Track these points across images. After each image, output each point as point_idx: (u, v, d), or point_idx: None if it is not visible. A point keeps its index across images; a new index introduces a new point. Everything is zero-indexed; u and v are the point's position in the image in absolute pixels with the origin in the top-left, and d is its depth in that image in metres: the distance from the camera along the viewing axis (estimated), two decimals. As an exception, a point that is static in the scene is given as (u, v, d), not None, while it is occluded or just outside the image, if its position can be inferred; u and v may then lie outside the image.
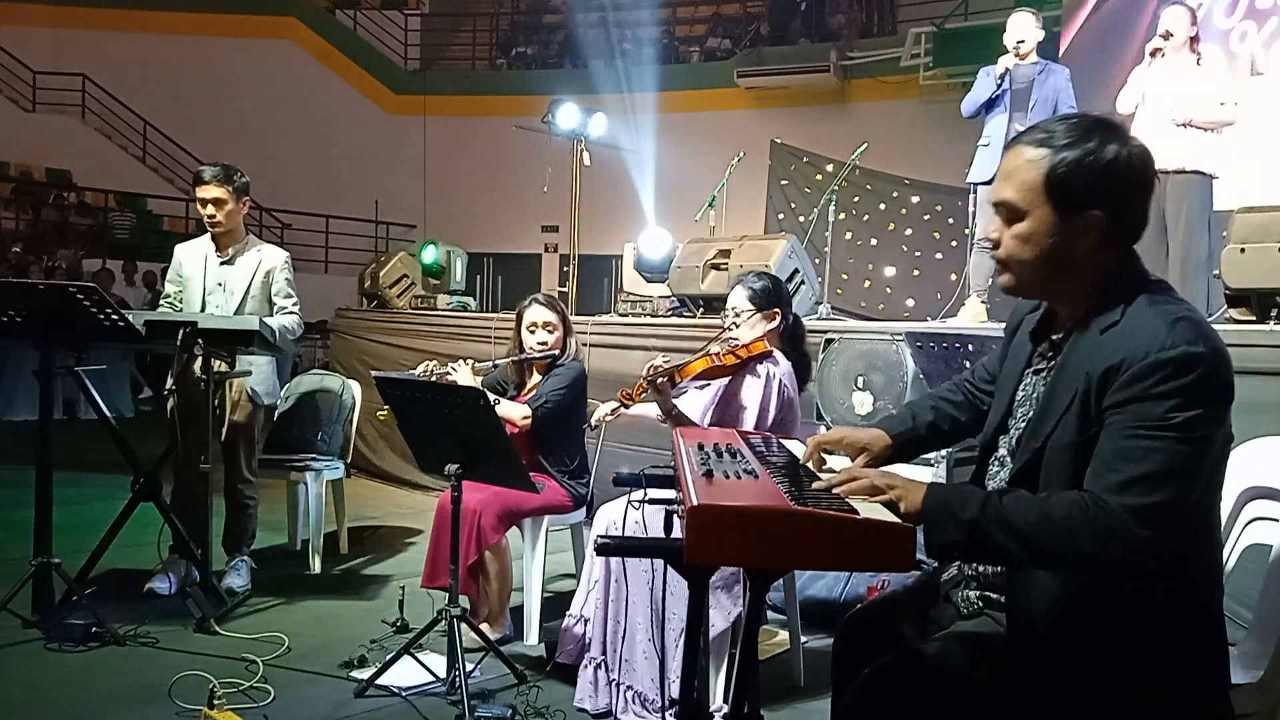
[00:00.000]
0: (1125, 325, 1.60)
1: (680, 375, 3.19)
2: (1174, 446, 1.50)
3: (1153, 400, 1.52)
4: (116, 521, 3.84)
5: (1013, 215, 1.67)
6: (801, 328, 3.53)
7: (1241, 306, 4.03)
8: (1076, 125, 1.65)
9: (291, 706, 3.05)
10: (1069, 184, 1.61)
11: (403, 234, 15.63)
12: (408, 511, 6.05)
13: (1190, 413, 1.51)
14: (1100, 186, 1.60)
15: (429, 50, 17.26)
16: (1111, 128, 1.65)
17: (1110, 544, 1.49)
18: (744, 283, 3.43)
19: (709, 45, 15.49)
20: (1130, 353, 1.55)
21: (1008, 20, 5.51)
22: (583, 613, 3.21)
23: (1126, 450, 1.52)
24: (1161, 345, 1.53)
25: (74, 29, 15.27)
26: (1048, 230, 1.63)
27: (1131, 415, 1.53)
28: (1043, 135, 1.65)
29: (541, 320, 3.85)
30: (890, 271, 10.88)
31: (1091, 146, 1.61)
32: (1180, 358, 1.52)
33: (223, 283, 4.18)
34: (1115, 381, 1.55)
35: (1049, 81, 5.30)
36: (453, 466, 3.09)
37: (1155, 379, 1.52)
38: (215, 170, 4.16)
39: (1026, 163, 1.65)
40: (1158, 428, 1.51)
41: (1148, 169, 1.65)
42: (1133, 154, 1.63)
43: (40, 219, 13.97)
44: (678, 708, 1.93)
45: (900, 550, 1.49)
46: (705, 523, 1.50)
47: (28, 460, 3.74)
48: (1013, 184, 1.66)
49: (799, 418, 3.33)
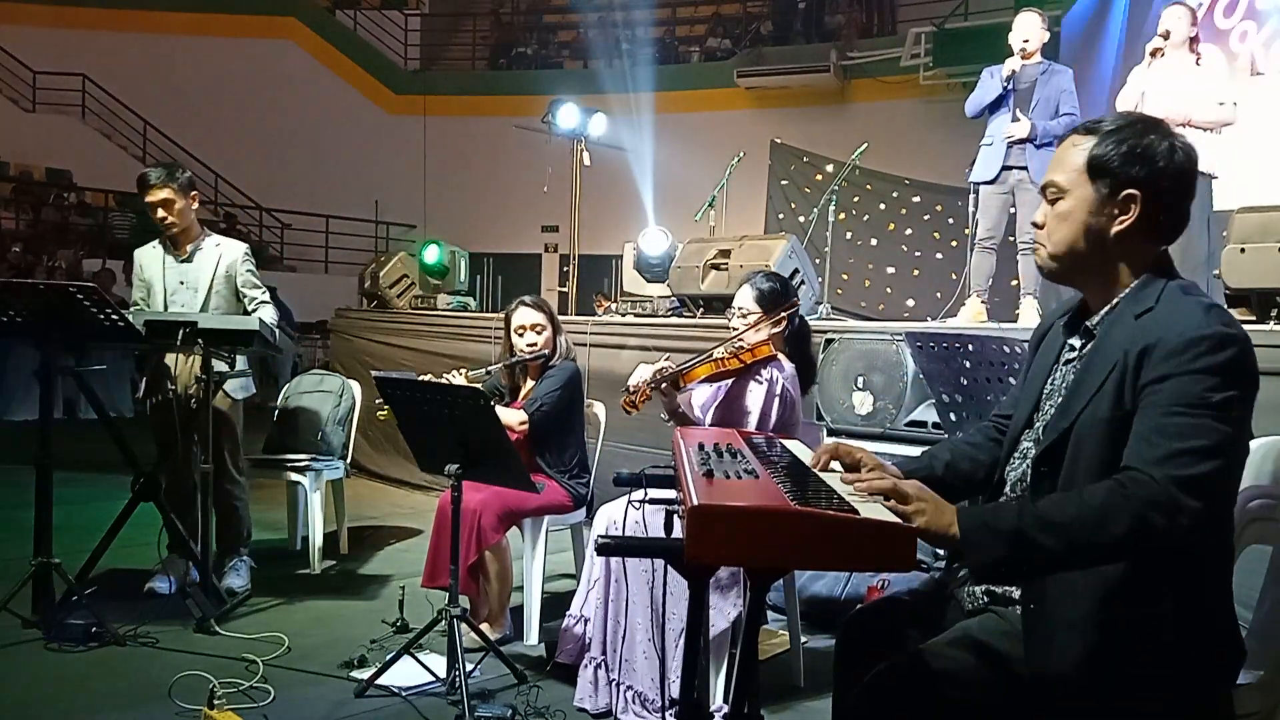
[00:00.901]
0: (1160, 310, 1.64)
1: (685, 380, 3.18)
2: (1213, 424, 1.52)
3: (1190, 377, 1.54)
4: (116, 521, 3.84)
5: (1056, 195, 1.74)
6: (807, 329, 3.51)
7: (1241, 306, 4.02)
8: (1125, 116, 1.74)
9: (291, 706, 3.05)
10: (1109, 164, 1.68)
11: (403, 234, 15.64)
12: (408, 511, 6.05)
13: (1226, 393, 1.54)
14: (1139, 171, 1.67)
15: (429, 50, 17.27)
16: (1159, 124, 1.72)
17: (1151, 514, 1.49)
18: (752, 283, 3.40)
19: (709, 45, 15.50)
20: (1165, 332, 1.59)
21: (1013, 20, 5.50)
22: (583, 613, 3.21)
23: (1166, 427, 1.54)
24: (1198, 325, 1.57)
25: (74, 29, 15.28)
26: (1086, 207, 1.70)
27: (1169, 394, 1.55)
28: (1092, 124, 1.74)
29: (530, 322, 3.85)
30: (890, 271, 10.89)
31: (1135, 135, 1.68)
32: (1216, 335, 1.56)
33: (184, 280, 4.15)
34: (1151, 359, 1.58)
35: (1052, 82, 5.29)
36: (453, 466, 3.09)
37: (1192, 354, 1.55)
38: (158, 172, 4.13)
39: (1073, 148, 1.73)
40: (1197, 404, 1.53)
41: (1190, 166, 1.70)
42: (1176, 149, 1.69)
43: (40, 219, 13.98)
44: (678, 708, 1.93)
45: (900, 550, 1.49)
46: (705, 523, 1.50)
47: (28, 460, 3.73)
48: (1060, 167, 1.75)
49: (800, 420, 3.33)
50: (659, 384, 3.15)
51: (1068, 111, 5.24)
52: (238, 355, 4.06)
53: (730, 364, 3.17)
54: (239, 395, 4.23)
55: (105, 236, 14.12)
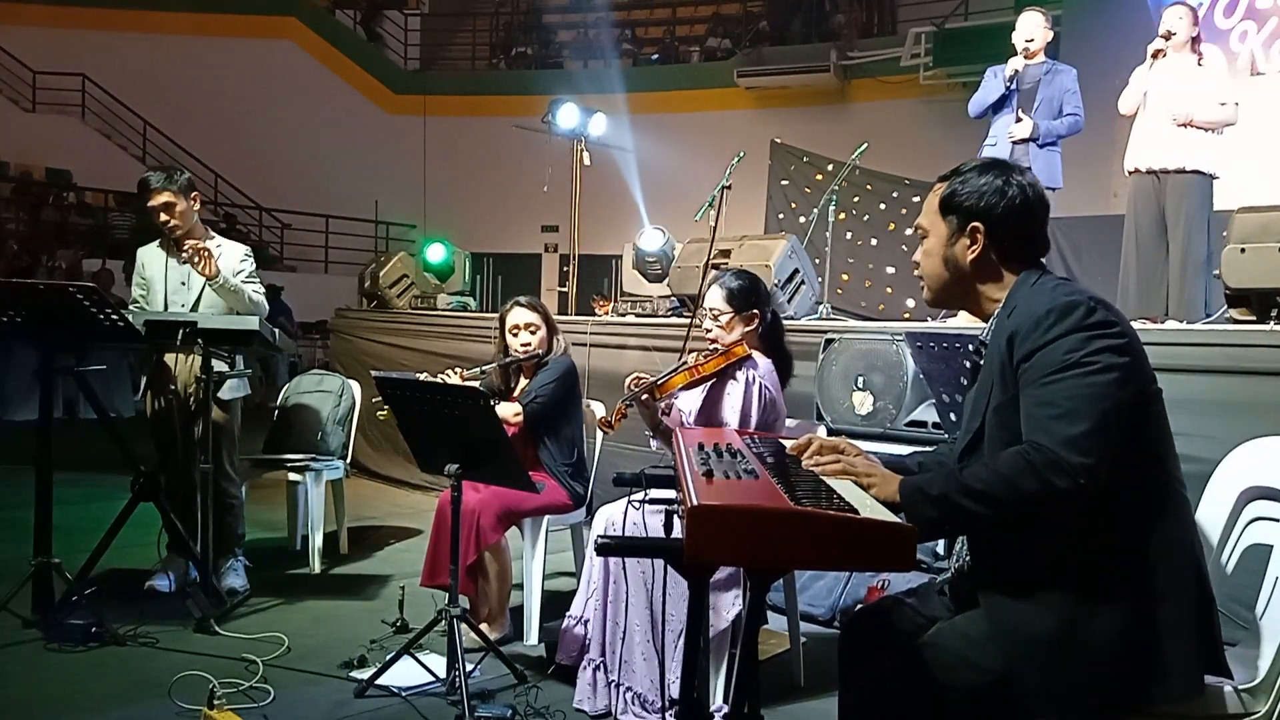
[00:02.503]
0: (1018, 303, 1.87)
1: (660, 391, 3.17)
2: (1080, 381, 1.70)
3: (1047, 347, 1.74)
4: (116, 521, 3.84)
5: (922, 234, 2.00)
6: (780, 325, 3.45)
7: (1241, 306, 4.02)
8: (978, 164, 1.97)
9: (291, 706, 3.05)
10: (955, 203, 1.93)
11: (403, 234, 15.64)
12: (408, 511, 6.05)
13: (1085, 349, 1.71)
14: (980, 206, 1.90)
15: (429, 50, 17.27)
16: (1004, 164, 1.97)
17: (1052, 476, 1.66)
18: (720, 282, 3.32)
19: (709, 45, 15.49)
20: (1022, 319, 1.80)
21: (1017, 20, 5.49)
22: (583, 613, 3.21)
23: (1041, 397, 1.73)
24: (1046, 301, 1.79)
25: (74, 29, 15.27)
26: (943, 242, 1.95)
27: (1036, 367, 1.75)
28: (951, 173, 1.98)
29: (524, 322, 3.85)
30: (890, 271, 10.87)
31: (980, 177, 1.92)
32: (1059, 305, 1.76)
33: (185, 281, 4.14)
34: (1016, 344, 1.78)
35: (1055, 82, 5.27)
36: (453, 466, 3.09)
37: (1043, 328, 1.75)
38: (158, 176, 4.12)
39: (933, 194, 1.99)
40: (1059, 369, 1.72)
41: (1029, 198, 1.91)
42: (1011, 184, 1.90)
43: (40, 219, 13.97)
44: (677, 708, 1.93)
45: (900, 550, 1.50)
46: (705, 523, 1.50)
47: (28, 460, 3.73)
48: (925, 211, 2.00)
49: (783, 415, 3.30)
50: (637, 396, 3.15)
51: (1071, 112, 5.23)
52: (240, 356, 4.07)
53: (705, 369, 3.17)
54: (226, 396, 4.16)
55: (105, 236, 14.11)
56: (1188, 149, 4.91)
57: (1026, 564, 1.75)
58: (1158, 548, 1.73)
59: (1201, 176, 4.94)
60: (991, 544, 1.83)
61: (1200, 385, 3.18)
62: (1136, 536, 1.73)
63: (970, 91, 5.61)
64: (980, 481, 1.71)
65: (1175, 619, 1.72)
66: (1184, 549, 1.77)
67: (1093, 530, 1.72)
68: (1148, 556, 1.72)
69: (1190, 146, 4.92)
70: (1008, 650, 1.73)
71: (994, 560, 1.82)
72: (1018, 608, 1.74)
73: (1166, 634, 1.71)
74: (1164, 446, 1.81)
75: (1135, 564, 1.72)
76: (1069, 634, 1.69)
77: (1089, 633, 1.69)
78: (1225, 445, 2.25)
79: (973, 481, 1.72)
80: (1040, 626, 1.71)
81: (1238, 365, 3.22)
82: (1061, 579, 1.72)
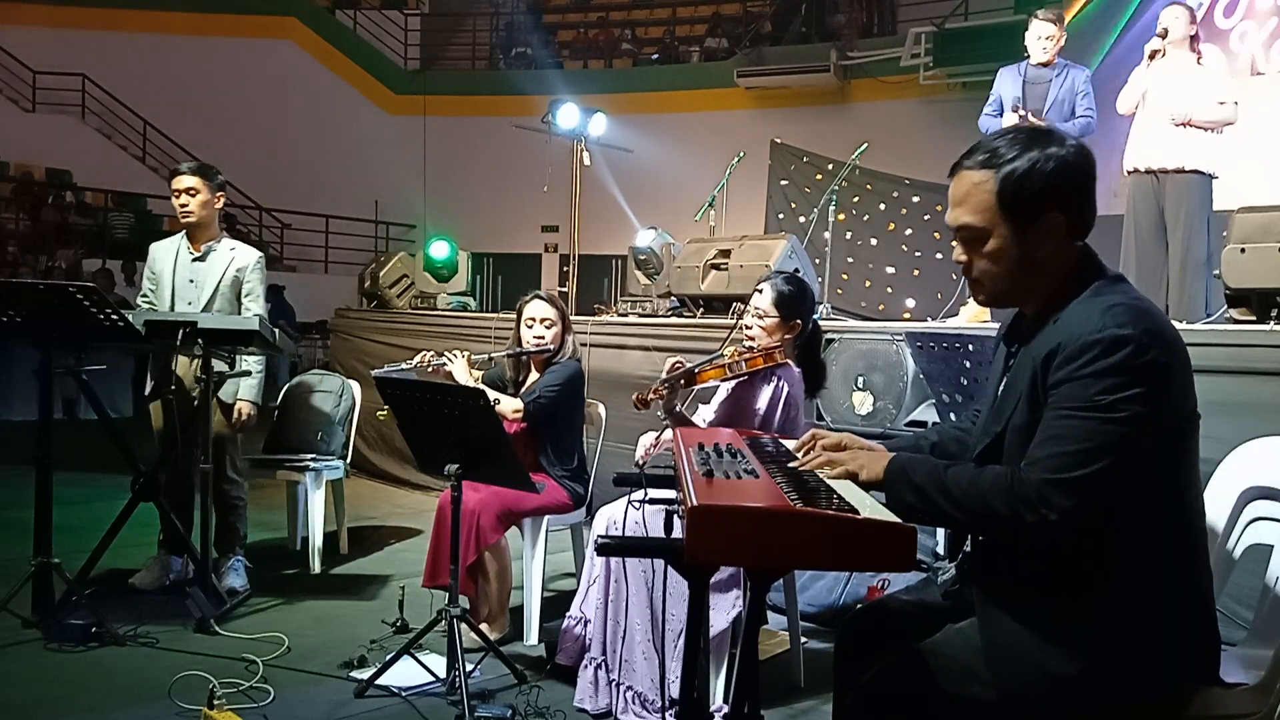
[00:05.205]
0: (1067, 314, 1.71)
1: (698, 379, 3.17)
2: (1098, 425, 1.59)
3: (1080, 381, 1.62)
4: (116, 521, 3.85)
5: (975, 237, 1.77)
6: (819, 335, 3.44)
7: (1241, 306, 4.02)
8: (1015, 140, 1.75)
9: (291, 706, 3.05)
10: (1021, 195, 1.71)
11: (403, 234, 15.64)
12: (408, 511, 6.05)
13: (1119, 394, 1.59)
14: (1051, 191, 1.70)
15: (429, 50, 17.26)
16: (1047, 134, 1.76)
17: (1021, 510, 1.60)
18: (773, 283, 3.28)
19: (709, 45, 15.47)
20: (1066, 337, 1.65)
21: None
22: (582, 613, 3.21)
23: (1055, 429, 1.63)
24: (1094, 329, 1.63)
25: (74, 29, 15.25)
26: (1013, 243, 1.74)
27: (1063, 396, 1.64)
28: (984, 156, 1.75)
29: (540, 315, 3.85)
30: (890, 271, 10.86)
31: (1034, 155, 1.71)
32: (1107, 339, 1.61)
33: (194, 279, 4.15)
34: (1053, 364, 1.66)
35: (1066, 82, 5.26)
36: (453, 466, 3.09)
37: (1083, 360, 1.62)
38: (194, 164, 4.19)
39: (975, 186, 1.75)
40: (1084, 407, 1.61)
41: (1089, 163, 1.75)
42: (1072, 152, 1.72)
43: (40, 219, 13.96)
44: (678, 708, 1.93)
45: (901, 550, 1.49)
46: (705, 523, 1.50)
47: (28, 460, 3.73)
48: (968, 208, 1.76)
49: (802, 423, 3.31)
50: (675, 380, 3.14)
51: (1083, 113, 5.21)
52: (248, 356, 4.08)
53: (742, 368, 3.16)
54: (228, 399, 4.18)
55: (105, 236, 14.09)
56: (1187, 149, 4.91)
57: (1026, 587, 1.70)
58: (1161, 585, 1.66)
59: (1201, 176, 4.94)
60: (992, 558, 1.78)
61: (1200, 385, 3.13)
62: (1140, 573, 1.65)
63: (970, 91, 5.63)
64: (958, 487, 1.67)
65: (1174, 665, 1.66)
66: (1192, 590, 1.70)
67: (1097, 561, 1.66)
68: (1149, 594, 1.65)
69: (1189, 146, 4.91)
70: (999, 672, 1.69)
71: (994, 576, 1.76)
72: (1014, 631, 1.69)
73: (1163, 677, 1.66)
74: (1185, 481, 1.71)
75: (1136, 601, 1.65)
76: (1062, 664, 1.64)
77: (1081, 667, 1.64)
78: (1225, 445, 2.25)
79: (952, 484, 1.68)
80: (1036, 655, 1.66)
81: (1238, 365, 3.22)
82: (1062, 607, 1.67)
